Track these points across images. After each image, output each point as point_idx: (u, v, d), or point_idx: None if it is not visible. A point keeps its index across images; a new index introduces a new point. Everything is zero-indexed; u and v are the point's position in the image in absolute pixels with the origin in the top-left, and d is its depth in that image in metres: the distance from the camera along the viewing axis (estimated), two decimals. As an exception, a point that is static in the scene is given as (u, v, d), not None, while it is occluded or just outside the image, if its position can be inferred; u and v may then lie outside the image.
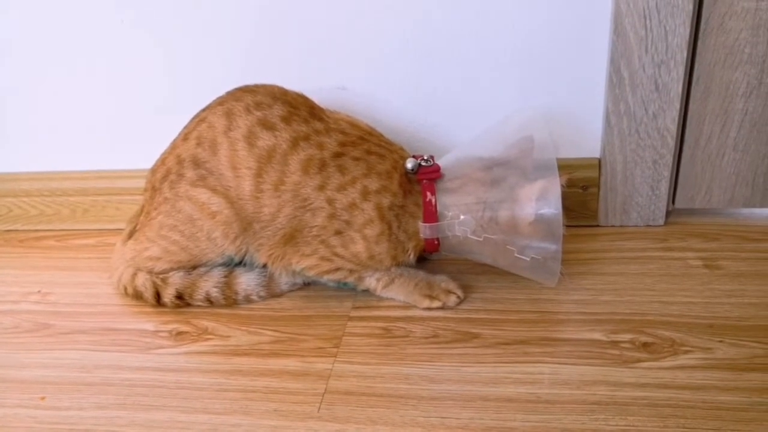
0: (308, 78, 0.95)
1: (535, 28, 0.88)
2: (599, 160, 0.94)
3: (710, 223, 0.96)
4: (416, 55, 0.92)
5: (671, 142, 0.92)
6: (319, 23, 0.92)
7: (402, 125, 0.96)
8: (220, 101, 0.86)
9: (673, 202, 0.97)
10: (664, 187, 0.95)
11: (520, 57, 0.90)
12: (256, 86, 0.86)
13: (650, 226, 0.96)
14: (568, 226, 0.96)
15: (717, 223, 0.95)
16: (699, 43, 0.87)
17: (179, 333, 0.83)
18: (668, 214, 0.97)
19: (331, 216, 0.80)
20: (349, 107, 0.94)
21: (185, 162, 0.84)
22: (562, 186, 0.77)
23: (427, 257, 0.90)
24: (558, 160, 0.95)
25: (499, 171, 0.82)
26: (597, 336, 0.76)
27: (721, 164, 0.95)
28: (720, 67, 0.89)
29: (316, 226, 0.81)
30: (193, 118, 0.87)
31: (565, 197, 0.94)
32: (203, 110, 0.87)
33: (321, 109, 0.85)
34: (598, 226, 0.97)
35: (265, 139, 0.80)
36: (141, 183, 0.91)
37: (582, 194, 0.96)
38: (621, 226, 0.96)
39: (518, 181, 0.79)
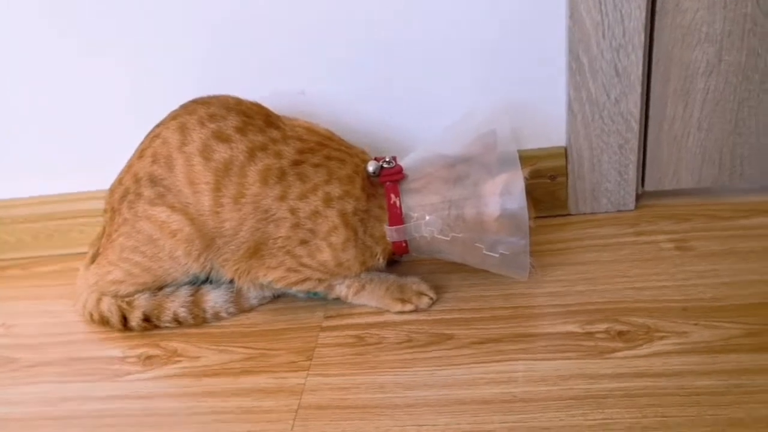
0: (267, 84, 0.93)
1: (493, 21, 0.87)
2: (565, 149, 0.94)
3: (681, 204, 0.95)
4: (374, 55, 0.90)
5: (635, 126, 0.91)
6: (277, 27, 0.90)
7: (365, 127, 0.93)
8: (173, 115, 0.84)
9: (643, 186, 0.97)
10: (632, 172, 0.94)
11: (480, 51, 0.89)
12: (210, 98, 0.84)
13: (621, 211, 0.95)
14: (538, 217, 0.96)
15: (687, 203, 0.95)
16: (656, 24, 0.87)
17: (148, 357, 0.81)
18: (638, 197, 0.97)
19: (295, 226, 0.79)
20: (310, 111, 0.92)
21: (142, 180, 0.82)
22: (525, 178, 0.76)
23: (397, 260, 0.89)
24: (524, 151, 0.96)
25: (463, 168, 0.80)
26: (571, 328, 0.75)
27: (686, 144, 0.94)
28: (678, 47, 0.88)
29: (280, 237, 0.79)
30: (148, 135, 0.85)
31: (533, 188, 0.94)
32: (157, 126, 0.85)
33: (277, 117, 0.83)
34: (569, 215, 0.96)
35: (221, 152, 0.78)
36: (102, 204, 0.90)
37: (551, 184, 0.95)
38: (592, 213, 0.96)
39: (482, 177, 0.78)
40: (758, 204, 0.92)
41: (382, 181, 0.80)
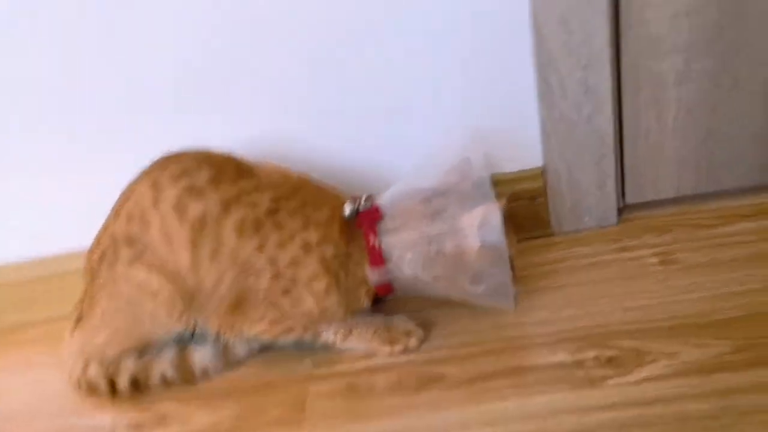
0: (238, 130, 0.93)
1: (461, 49, 0.86)
2: (542, 169, 0.94)
3: (663, 214, 0.94)
4: (346, 93, 0.89)
5: (610, 142, 0.90)
6: (244, 70, 0.88)
7: (337, 165, 0.93)
8: (146, 172, 0.82)
9: (624, 199, 0.96)
10: (612, 186, 0.93)
11: (450, 80, 0.88)
12: (181, 153, 0.83)
13: (604, 226, 0.95)
14: (522, 240, 0.95)
15: (669, 213, 0.94)
16: (621, 38, 0.86)
17: (138, 425, 0.79)
18: (621, 211, 0.96)
19: (276, 276, 0.78)
20: (283, 154, 0.92)
21: (119, 241, 0.81)
22: (503, 207, 0.76)
23: (383, 299, 0.89)
24: (502, 174, 0.95)
25: (440, 201, 0.79)
26: (562, 357, 0.75)
27: (663, 154, 0.93)
28: (646, 59, 0.87)
29: (261, 289, 0.78)
30: (122, 193, 0.84)
31: (515, 211, 0.93)
32: (130, 183, 0.84)
33: (249, 165, 0.82)
34: (552, 234, 0.95)
35: (195, 207, 0.77)
36: (82, 263, 0.89)
37: (532, 205, 0.94)
38: (575, 231, 0.95)
39: (459, 210, 0.78)
40: (738, 209, 0.91)
41: (360, 223, 0.80)
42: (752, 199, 0.93)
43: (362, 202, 0.81)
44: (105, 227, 0.85)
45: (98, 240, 0.85)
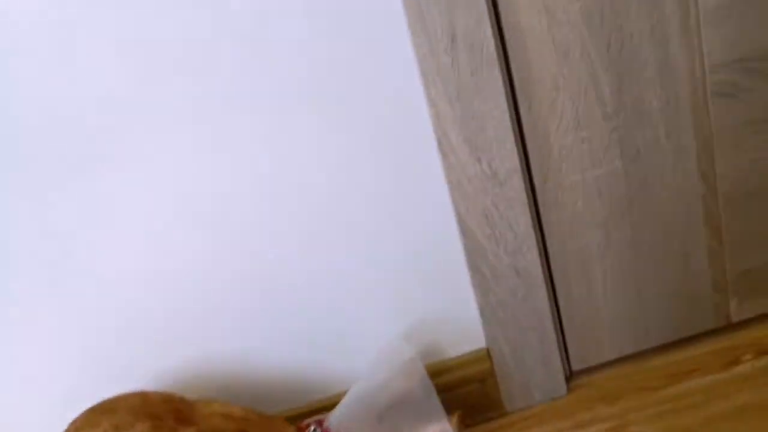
0: (172, 354, 0.89)
1: (394, 247, 0.86)
2: (487, 350, 0.94)
3: (610, 376, 0.95)
4: (276, 299, 0.87)
5: (548, 318, 0.92)
6: (174, 293, 0.86)
7: (277, 377, 0.89)
8: (74, 429, 0.77)
9: (570, 368, 0.98)
10: (556, 359, 0.94)
11: (385, 276, 0.88)
12: (114, 401, 0.78)
13: (555, 398, 0.94)
14: (478, 422, 0.93)
15: (617, 375, 0.95)
16: (543, 222, 0.89)
17: None
18: (569, 379, 0.97)
19: None
20: (222, 372, 0.88)
21: None
22: (455, 426, 0.75)
23: None
24: (449, 360, 0.94)
25: (391, 418, 0.78)
26: None
27: (599, 321, 0.95)
28: (569, 236, 0.91)
29: None
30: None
31: (466, 397, 0.93)
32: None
33: (191, 407, 0.78)
34: (506, 414, 0.94)
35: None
36: None
37: (482, 387, 0.93)
38: (528, 407, 0.94)
39: (411, 427, 0.76)
40: (680, 364, 0.93)
41: (312, 456, 0.77)
42: (691, 351, 0.96)
43: (312, 430, 0.78)
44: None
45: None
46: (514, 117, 0.83)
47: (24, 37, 0.73)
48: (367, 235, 0.86)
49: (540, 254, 0.89)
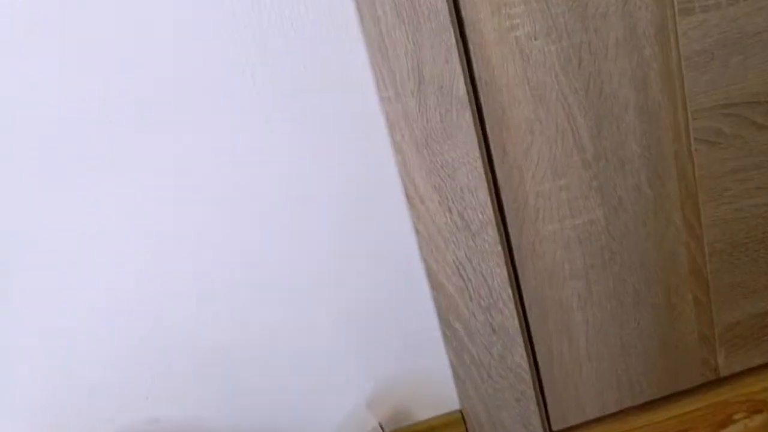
0: (115, 418, 0.82)
1: (357, 300, 0.80)
2: (461, 412, 0.88)
3: (592, 437, 0.91)
4: (230, 360, 0.81)
5: (527, 377, 0.86)
6: (113, 351, 0.80)
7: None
8: None
9: (550, 428, 0.91)
10: (536, 420, 0.88)
11: (347, 332, 0.81)
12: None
13: (535, 462, 0.90)
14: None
15: (599, 436, 0.91)
16: (519, 274, 0.84)
17: None
18: (549, 440, 0.92)
19: None
20: None
21: None
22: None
23: None
24: (420, 423, 0.88)
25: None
26: None
27: (581, 376, 0.89)
28: (547, 288, 0.85)
29: None
30: None
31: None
32: None
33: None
34: (483, 480, 0.89)
35: None
36: None
37: (456, 451, 0.88)
38: (506, 472, 0.90)
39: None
40: (668, 424, 0.87)
41: None
42: (678, 408, 0.90)
43: None
44: None
45: None
46: (487, 164, 0.78)
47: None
48: (329, 286, 0.79)
49: (516, 308, 0.83)
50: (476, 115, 0.76)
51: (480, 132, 0.77)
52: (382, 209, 0.78)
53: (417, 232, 0.77)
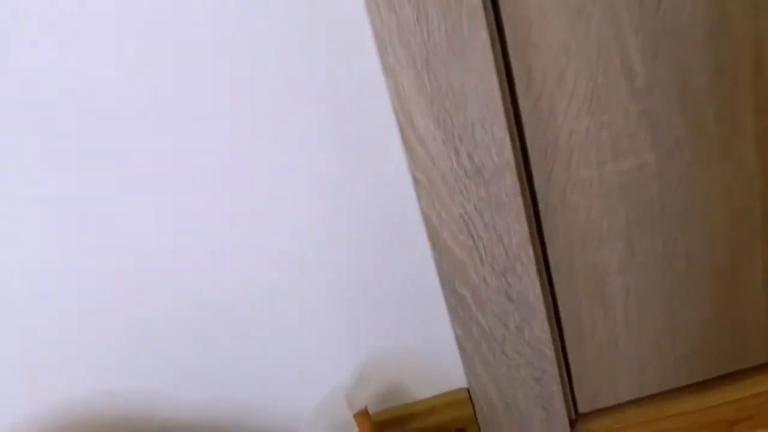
0: (66, 387, 0.72)
1: (345, 264, 0.67)
2: (467, 392, 0.75)
3: (628, 423, 0.75)
4: (200, 334, 0.69)
5: (549, 353, 0.72)
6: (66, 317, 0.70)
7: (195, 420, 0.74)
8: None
9: (576, 411, 0.78)
10: (559, 402, 0.74)
11: (334, 304, 0.68)
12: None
13: (556, 449, 0.78)
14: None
15: (636, 421, 0.75)
16: (545, 231, 0.68)
17: None
18: (575, 424, 0.77)
19: None
20: (125, 413, 0.71)
21: None
22: None
23: None
24: (417, 402, 0.74)
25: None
26: None
27: (617, 352, 0.75)
28: (579, 249, 0.69)
29: None
30: None
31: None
32: None
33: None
34: (492, 469, 0.77)
35: None
36: None
37: (462, 437, 0.76)
38: (521, 461, 0.77)
39: None
40: (720, 410, 0.73)
41: None
42: (735, 393, 0.75)
43: None
44: None
45: None
46: (507, 93, 0.62)
47: None
48: (313, 249, 0.66)
49: (539, 273, 0.68)
50: (494, 30, 0.59)
51: (499, 51, 0.60)
52: (373, 149, 0.63)
53: (415, 180, 0.62)
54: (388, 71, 0.58)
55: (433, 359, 0.71)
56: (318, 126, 0.61)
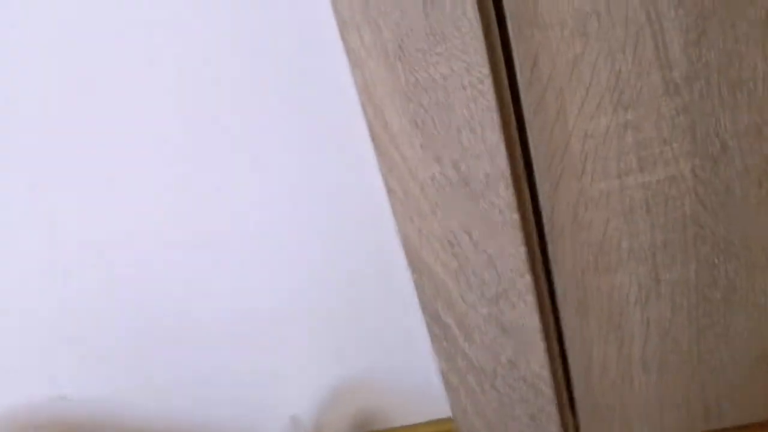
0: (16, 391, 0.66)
1: (324, 281, 0.58)
2: (449, 420, 0.65)
3: (639, 469, 0.67)
4: (168, 338, 0.62)
5: (548, 390, 0.61)
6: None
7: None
8: None
9: (580, 452, 0.69)
10: (558, 445, 0.66)
11: (311, 318, 0.60)
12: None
13: (554, 495, 0.68)
14: None
15: (648, 470, 0.67)
16: (550, 250, 0.57)
17: None
18: (577, 466, 0.69)
19: None
20: (80, 420, 0.65)
21: None
22: None
23: None
24: (400, 429, 0.67)
25: None
26: None
27: (631, 393, 0.64)
28: (592, 272, 0.58)
29: None
30: None
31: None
32: None
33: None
34: None
35: None
36: None
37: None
38: (512, 504, 0.68)
39: None
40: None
41: None
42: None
43: None
44: None
45: None
46: (504, 86, 0.50)
47: None
48: (278, 259, 0.58)
49: (539, 300, 0.57)
50: (488, 4, 0.48)
51: (494, 32, 0.48)
52: (343, 157, 0.53)
53: (389, 189, 0.52)
54: (353, 59, 0.47)
55: (415, 385, 0.62)
56: (288, 127, 0.52)
